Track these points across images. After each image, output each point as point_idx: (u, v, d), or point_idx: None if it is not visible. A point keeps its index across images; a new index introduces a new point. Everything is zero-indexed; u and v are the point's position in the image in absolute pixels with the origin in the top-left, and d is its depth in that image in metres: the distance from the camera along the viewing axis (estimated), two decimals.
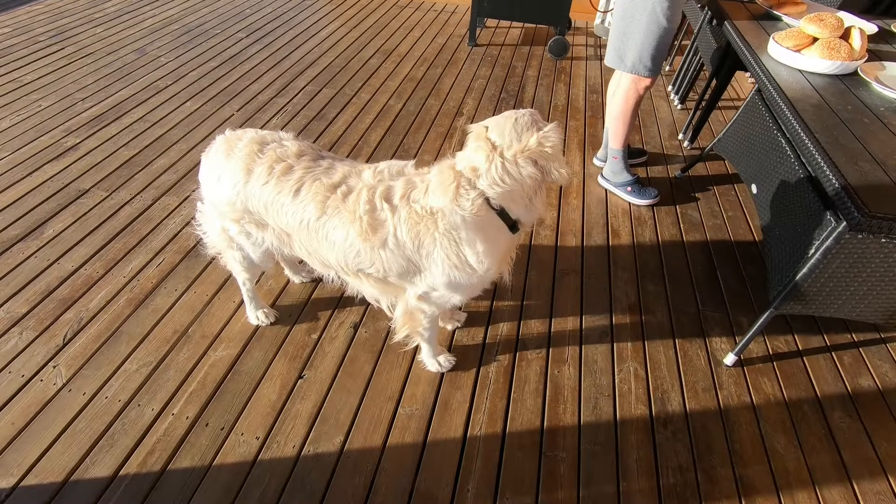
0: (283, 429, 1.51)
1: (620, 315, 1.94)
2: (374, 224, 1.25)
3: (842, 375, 1.78)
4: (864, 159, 1.31)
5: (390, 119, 3.03)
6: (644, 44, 2.07)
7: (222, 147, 1.39)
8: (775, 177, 1.81)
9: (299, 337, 1.78)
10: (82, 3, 4.26)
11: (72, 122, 2.78)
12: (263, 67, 3.49)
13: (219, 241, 1.57)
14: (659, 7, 1.96)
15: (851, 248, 1.40)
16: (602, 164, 2.71)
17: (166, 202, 2.29)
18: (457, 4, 4.77)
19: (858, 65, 1.71)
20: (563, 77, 3.64)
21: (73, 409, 1.52)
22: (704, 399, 1.68)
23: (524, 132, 1.17)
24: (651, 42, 2.05)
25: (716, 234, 2.34)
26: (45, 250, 2.01)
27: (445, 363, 1.69)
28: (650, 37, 2.04)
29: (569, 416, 1.61)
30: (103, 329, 1.74)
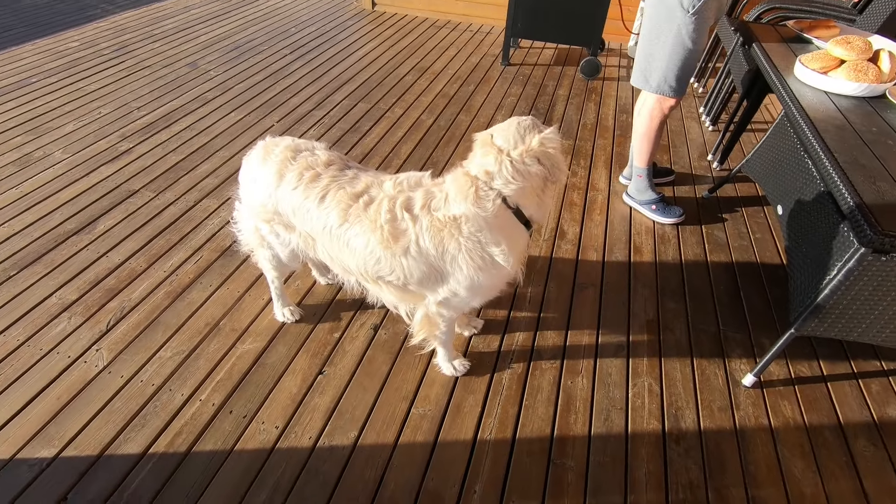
0: (302, 420, 1.58)
1: (638, 330, 1.94)
2: (395, 233, 1.32)
3: (868, 403, 1.73)
4: (884, 179, 1.31)
5: (421, 133, 3.14)
6: (669, 64, 2.10)
7: (260, 152, 1.49)
8: (801, 198, 1.80)
9: (322, 335, 1.86)
10: (144, 20, 4.59)
11: (127, 128, 2.99)
12: (304, 82, 3.67)
13: (252, 239, 1.68)
14: (685, 29, 2.00)
15: (875, 270, 1.38)
16: (628, 181, 2.73)
17: (207, 204, 2.44)
18: (492, 25, 4.90)
19: (887, 87, 1.69)
20: (593, 97, 3.68)
21: (111, 389, 1.63)
22: (720, 418, 1.66)
23: (526, 134, 1.25)
24: (676, 63, 2.08)
25: (742, 256, 2.32)
26: (96, 244, 2.18)
27: (460, 367, 1.73)
28: (675, 58, 2.07)
29: (579, 427, 1.62)
30: (143, 318, 1.87)
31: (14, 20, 4.55)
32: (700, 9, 1.93)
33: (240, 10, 4.99)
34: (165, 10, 4.86)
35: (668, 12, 2.00)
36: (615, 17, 4.25)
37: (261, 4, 5.16)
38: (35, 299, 1.91)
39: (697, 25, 1.98)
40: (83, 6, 4.91)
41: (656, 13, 2.07)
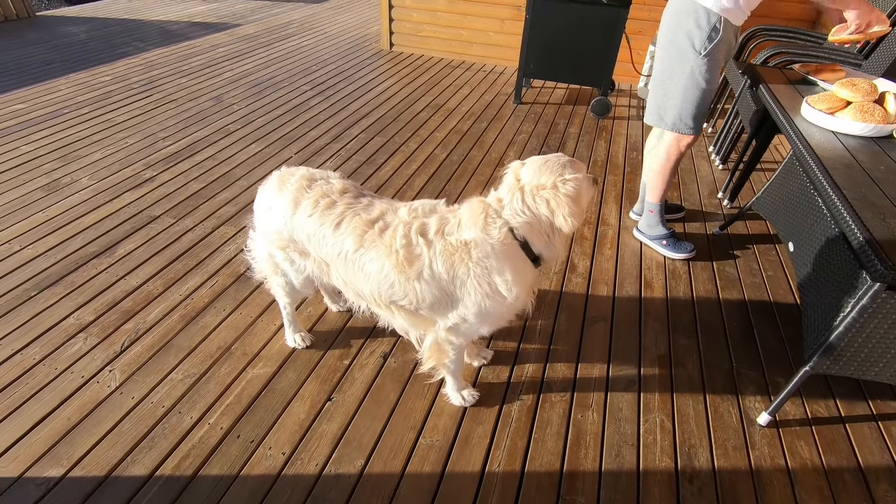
0: (309, 447, 1.57)
1: (649, 365, 1.92)
2: (409, 257, 1.35)
3: (889, 447, 1.68)
4: (894, 216, 1.32)
5: (435, 167, 3.21)
6: (685, 104, 2.15)
7: (276, 181, 1.55)
8: (812, 235, 1.81)
9: (332, 362, 1.86)
10: (172, 58, 4.82)
11: (152, 157, 3.11)
12: (322, 117, 3.80)
13: (265, 267, 1.71)
14: (697, 70, 2.06)
15: (889, 308, 1.38)
16: (638, 217, 2.75)
17: (224, 231, 2.50)
18: (505, 66, 5.07)
19: (894, 128, 1.72)
20: (604, 135, 3.76)
21: (122, 410, 1.64)
22: (735, 457, 1.62)
23: (546, 173, 1.28)
24: (691, 102, 2.13)
25: (754, 293, 2.30)
26: (116, 267, 2.23)
27: (469, 398, 1.72)
28: (690, 97, 2.12)
29: (590, 462, 1.59)
30: (157, 340, 1.90)
31: (53, 55, 4.81)
32: (711, 51, 2.00)
33: (264, 49, 5.23)
34: (193, 49, 5.10)
35: (681, 54, 2.07)
36: (625, 60, 4.38)
37: (283, 45, 5.41)
38: (53, 319, 1.96)
39: (709, 66, 2.04)
40: (116, 44, 5.17)
41: (668, 55, 2.14)
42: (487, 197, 1.38)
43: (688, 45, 2.03)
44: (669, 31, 2.10)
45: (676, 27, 2.05)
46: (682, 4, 2.02)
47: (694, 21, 1.99)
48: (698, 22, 1.98)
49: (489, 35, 5.01)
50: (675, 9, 2.06)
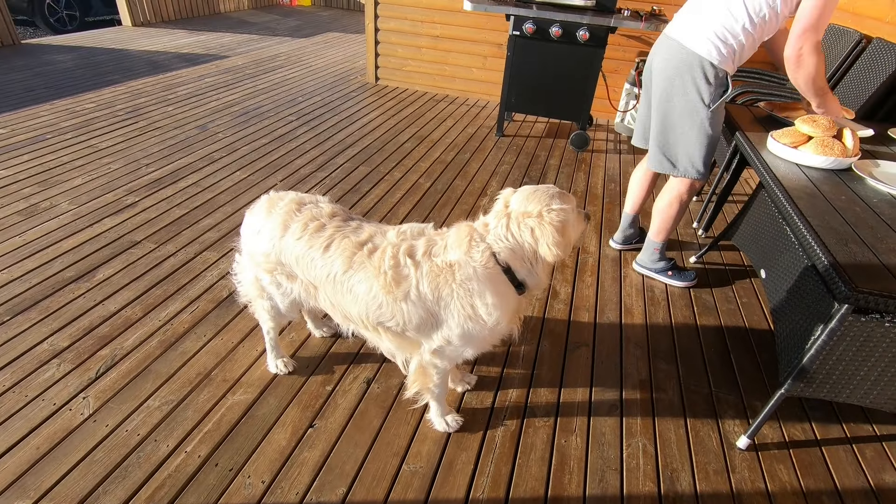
0: (289, 475, 1.54)
1: (631, 390, 1.94)
2: (397, 278, 1.37)
3: (863, 469, 1.71)
4: (855, 242, 1.39)
5: (419, 195, 3.27)
6: (696, 152, 2.20)
7: (265, 205, 1.57)
8: (782, 263, 1.88)
9: (314, 388, 1.84)
10: (158, 87, 4.86)
11: (134, 183, 3.10)
12: (308, 146, 3.85)
13: (251, 290, 1.71)
14: (708, 122, 2.12)
15: (857, 330, 1.43)
16: (618, 245, 2.83)
17: (207, 256, 2.48)
18: (487, 100, 5.23)
19: (852, 161, 1.83)
20: (583, 167, 3.88)
21: (95, 438, 1.59)
22: (716, 481, 1.64)
23: (534, 202, 1.32)
24: (702, 150, 2.19)
25: (730, 319, 2.37)
26: (94, 292, 2.19)
27: (453, 423, 1.71)
28: (700, 146, 2.18)
29: (574, 487, 1.58)
30: (134, 366, 1.85)
31: (37, 81, 4.80)
32: (719, 105, 2.10)
33: (250, 80, 5.31)
34: (180, 79, 5.16)
35: (692, 107, 2.11)
36: (602, 97, 4.57)
37: (270, 76, 5.50)
38: (25, 345, 1.90)
39: (717, 116, 2.13)
40: (102, 72, 5.20)
41: (673, 107, 2.16)
42: (476, 222, 1.41)
43: (697, 99, 2.08)
44: (673, 82, 2.12)
45: (683, 80, 2.08)
46: (684, 55, 2.05)
47: (702, 75, 2.03)
48: (706, 77, 2.03)
49: (472, 71, 5.19)
50: (676, 58, 2.09)
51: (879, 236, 1.44)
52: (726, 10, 1.95)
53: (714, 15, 1.98)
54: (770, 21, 1.93)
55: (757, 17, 1.92)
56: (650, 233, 2.55)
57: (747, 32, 1.94)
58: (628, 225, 2.79)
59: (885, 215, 1.56)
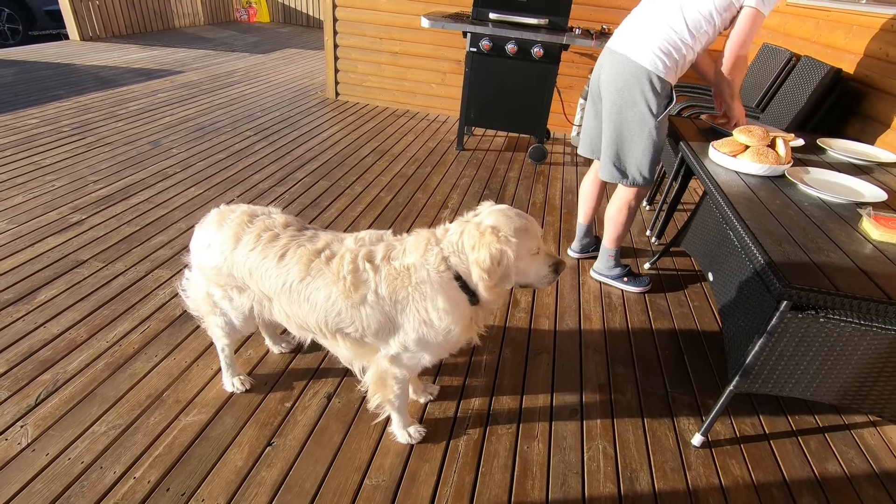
0: (246, 496, 1.49)
1: (591, 394, 1.98)
2: (356, 283, 1.36)
3: (809, 460, 1.80)
4: (788, 242, 1.48)
5: (380, 209, 3.27)
6: (643, 160, 2.30)
7: (215, 218, 1.53)
8: (727, 266, 1.98)
9: (272, 405, 1.79)
10: (108, 102, 4.70)
11: (80, 200, 2.97)
12: (266, 161, 3.80)
13: (203, 306, 1.65)
14: (655, 131, 2.23)
15: (795, 327, 1.52)
16: (576, 254, 2.90)
17: (159, 274, 2.40)
18: (448, 115, 5.31)
19: (785, 169, 1.95)
20: (541, 179, 3.97)
21: (33, 469, 1.49)
22: (673, 479, 1.68)
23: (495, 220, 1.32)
24: (649, 158, 2.30)
25: (683, 322, 2.46)
26: (34, 314, 2.07)
27: (416, 434, 1.70)
28: (648, 154, 2.28)
29: (537, 492, 1.59)
30: (77, 391, 1.76)
31: None
32: (666, 114, 2.22)
33: (206, 95, 5.21)
34: (131, 94, 5.01)
35: (640, 118, 2.21)
36: (558, 111, 4.72)
37: (227, 92, 5.41)
38: None
39: (663, 126, 2.25)
40: (46, 87, 4.99)
41: (623, 118, 2.26)
42: (438, 227, 1.42)
43: (646, 110, 2.18)
44: (623, 94, 2.21)
45: (632, 91, 2.17)
46: (631, 68, 2.15)
47: (649, 87, 2.14)
48: (654, 88, 2.14)
49: (432, 87, 5.26)
50: (624, 71, 2.18)
51: (810, 237, 1.54)
52: (668, 26, 2.07)
53: (657, 30, 2.10)
54: (707, 35, 2.06)
55: (697, 32, 2.05)
56: (604, 240, 2.63)
57: (687, 46, 2.07)
58: (584, 234, 2.87)
59: (815, 218, 1.67)
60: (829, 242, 1.52)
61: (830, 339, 1.53)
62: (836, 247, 1.51)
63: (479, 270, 1.31)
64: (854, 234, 1.62)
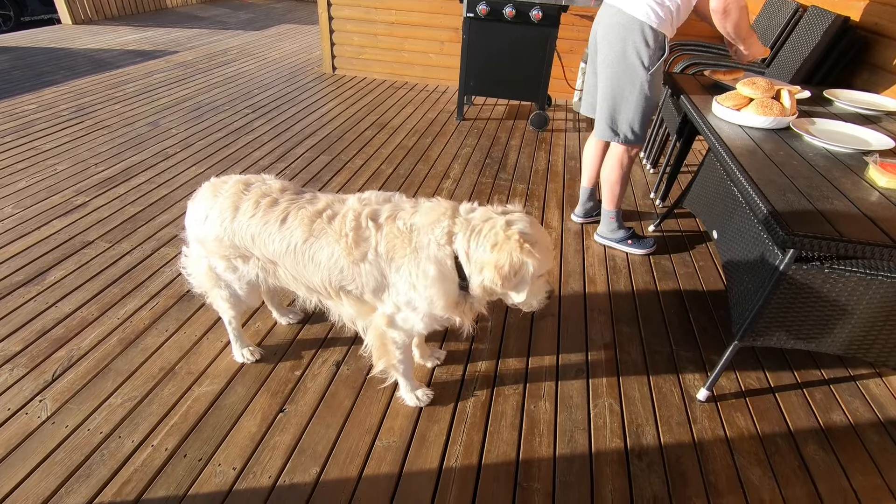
0: (261, 460, 1.53)
1: (596, 354, 2.00)
2: (357, 240, 1.37)
3: (814, 411, 1.82)
4: (792, 192, 1.46)
5: (381, 181, 3.25)
6: (635, 116, 2.28)
7: (209, 191, 1.52)
8: (732, 223, 1.96)
9: (282, 374, 1.83)
10: (104, 85, 4.66)
11: (83, 183, 2.98)
12: (266, 138, 3.78)
13: (206, 281, 1.65)
14: (647, 85, 2.19)
15: (800, 278, 1.51)
16: (579, 219, 2.89)
17: (165, 252, 2.42)
18: (447, 85, 5.22)
19: (790, 120, 1.92)
20: (543, 146, 3.93)
21: (54, 440, 1.54)
22: (679, 433, 1.71)
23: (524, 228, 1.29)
24: (641, 114, 2.27)
25: (687, 282, 2.45)
26: (45, 295, 2.11)
27: (423, 397, 1.73)
28: (639, 109, 2.25)
29: (544, 449, 1.62)
30: (92, 366, 1.80)
31: None
32: (658, 66, 2.17)
33: (202, 74, 5.16)
34: (127, 76, 4.96)
35: (631, 71, 2.17)
36: (559, 77, 4.63)
37: (223, 70, 5.35)
38: None
39: (656, 80, 2.21)
40: (41, 73, 4.95)
41: (615, 72, 2.23)
42: (465, 204, 1.40)
43: (637, 63, 2.15)
44: (614, 47, 2.19)
45: (624, 44, 2.14)
46: (624, 20, 2.12)
47: (641, 38, 2.10)
48: (646, 40, 2.10)
49: (429, 56, 5.16)
50: (617, 24, 2.15)
51: (815, 185, 1.52)
52: None
53: None
54: None
55: None
56: (603, 202, 2.62)
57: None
58: (587, 198, 2.85)
59: (819, 167, 1.65)
60: (834, 191, 1.50)
61: (835, 290, 1.52)
62: (840, 195, 1.49)
63: (493, 273, 1.27)
64: (860, 182, 1.59)
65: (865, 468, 1.63)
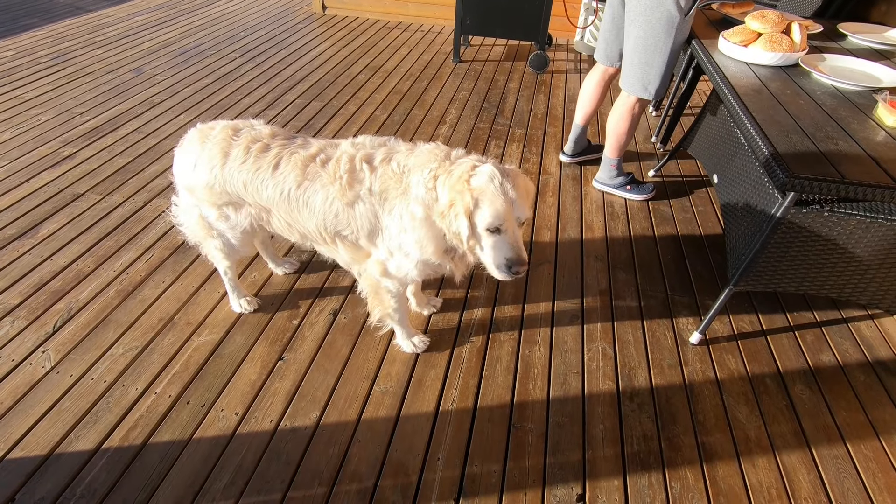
0: (262, 405, 1.57)
1: (591, 300, 2.02)
2: (351, 181, 1.35)
3: (804, 352, 1.85)
4: (796, 133, 1.42)
5: (375, 128, 3.16)
6: (663, 67, 2.13)
7: (196, 137, 1.47)
8: (733, 166, 1.92)
9: (280, 323, 1.85)
10: (84, 28, 4.45)
11: (69, 133, 2.90)
12: (255, 84, 3.64)
13: (198, 231, 1.63)
14: (679, 32, 2.04)
15: (798, 221, 1.49)
16: (567, 158, 2.84)
17: (157, 204, 2.39)
18: (443, 25, 4.98)
19: (799, 56, 1.83)
20: (543, 89, 3.79)
21: (60, 389, 1.58)
22: (670, 375, 1.75)
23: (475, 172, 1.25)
24: (668, 65, 2.13)
25: (686, 228, 2.44)
26: (39, 248, 2.10)
27: (420, 344, 1.76)
28: (668, 61, 2.11)
29: (538, 392, 1.67)
30: (92, 318, 1.82)
31: None
32: (692, 12, 2.00)
33: (185, 16, 4.91)
34: (107, 19, 4.73)
35: (669, 18, 2.00)
36: (560, 14, 4.39)
37: (207, 11, 5.09)
38: None
39: (685, 26, 2.05)
40: (16, 16, 4.71)
41: (649, 23, 2.05)
42: (457, 150, 1.36)
43: (674, 7, 1.97)
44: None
45: None
46: None
47: None
48: None
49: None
50: None
51: (819, 125, 1.47)
52: None
53: None
54: None
55: None
56: (606, 150, 2.55)
57: None
58: (578, 135, 2.78)
59: (826, 106, 1.59)
60: (839, 131, 1.46)
61: (834, 233, 1.50)
62: (846, 135, 1.44)
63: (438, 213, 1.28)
64: (867, 121, 1.54)
65: (850, 405, 1.67)
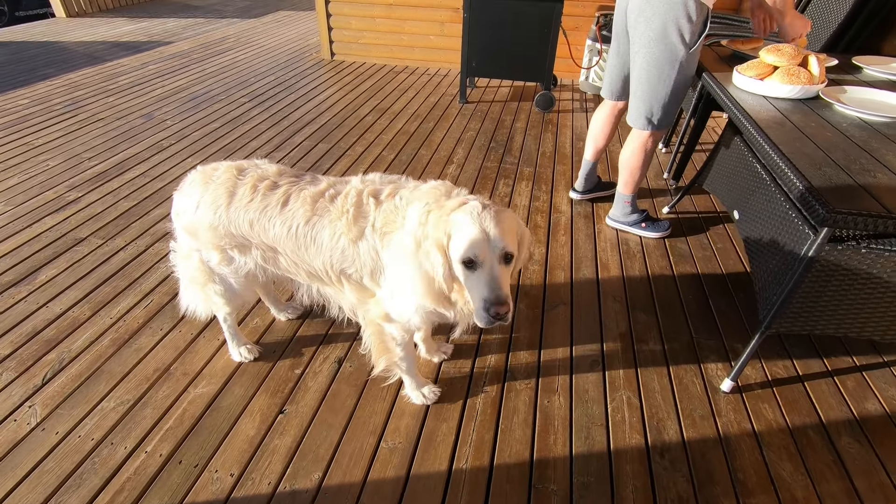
0: (260, 465, 1.45)
1: (611, 344, 1.90)
2: (357, 216, 1.29)
3: (846, 400, 1.70)
4: (828, 165, 1.34)
5: (383, 167, 3.14)
6: (669, 100, 2.10)
7: (199, 178, 1.42)
8: (755, 201, 1.84)
9: (282, 372, 1.74)
10: (97, 78, 4.56)
11: (76, 178, 2.89)
12: (263, 127, 3.67)
13: (198, 276, 1.54)
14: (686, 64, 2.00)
15: (833, 259, 1.39)
16: (577, 195, 2.78)
17: (159, 248, 2.33)
18: (449, 68, 5.07)
19: (819, 89, 1.78)
20: (550, 128, 3.79)
21: (44, 448, 1.47)
22: (703, 427, 1.60)
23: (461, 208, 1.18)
24: (675, 98, 2.10)
25: (705, 266, 2.33)
26: (36, 295, 2.03)
27: (430, 395, 1.64)
28: (675, 93, 2.08)
29: (559, 447, 1.53)
30: (84, 369, 1.72)
31: None
32: (699, 45, 1.98)
33: (197, 64, 5.03)
34: (121, 68, 4.85)
35: (672, 50, 1.97)
36: (565, 56, 4.46)
37: (219, 59, 5.22)
38: None
39: (693, 59, 2.02)
40: (35, 66, 4.85)
41: (653, 55, 2.02)
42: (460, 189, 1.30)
43: (678, 41, 1.94)
44: (653, 25, 1.97)
45: (665, 20, 1.93)
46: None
47: (684, 13, 1.89)
48: (689, 14, 1.89)
49: (430, 38, 5.00)
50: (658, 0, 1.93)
51: (852, 158, 1.39)
52: None
53: None
54: None
55: None
56: (619, 186, 2.48)
57: None
58: (588, 172, 2.73)
59: (855, 138, 1.51)
60: (875, 163, 1.37)
61: (873, 270, 1.40)
62: (882, 167, 1.36)
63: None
64: None
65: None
